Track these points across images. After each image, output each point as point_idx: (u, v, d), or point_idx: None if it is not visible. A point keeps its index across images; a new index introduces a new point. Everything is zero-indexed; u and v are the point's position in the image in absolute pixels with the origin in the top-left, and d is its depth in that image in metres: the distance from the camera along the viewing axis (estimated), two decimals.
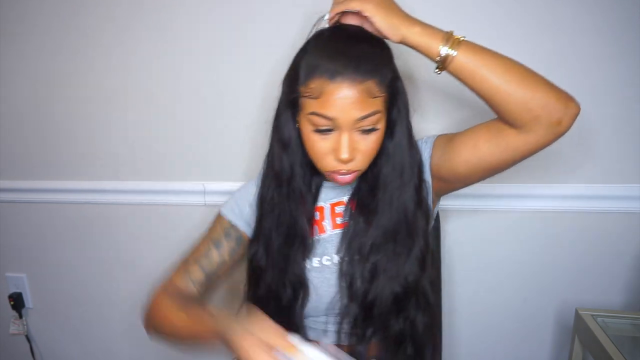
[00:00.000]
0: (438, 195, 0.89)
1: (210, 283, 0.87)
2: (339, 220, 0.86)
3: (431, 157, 0.83)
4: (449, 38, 0.70)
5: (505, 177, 0.86)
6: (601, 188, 1.12)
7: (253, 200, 0.88)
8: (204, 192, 1.33)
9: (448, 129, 0.88)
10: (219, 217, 0.91)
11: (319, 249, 0.85)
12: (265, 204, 0.85)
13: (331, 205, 0.87)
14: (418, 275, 0.81)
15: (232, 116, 1.27)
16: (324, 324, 0.87)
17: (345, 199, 0.87)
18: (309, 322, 0.88)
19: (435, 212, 0.93)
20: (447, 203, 1.13)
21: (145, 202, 1.40)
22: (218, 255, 0.88)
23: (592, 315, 1.04)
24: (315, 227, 0.86)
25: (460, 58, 0.70)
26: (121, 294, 1.51)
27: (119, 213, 1.44)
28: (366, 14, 0.70)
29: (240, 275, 0.91)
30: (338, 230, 0.86)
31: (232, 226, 0.89)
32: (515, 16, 1.05)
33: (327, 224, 0.87)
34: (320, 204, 0.88)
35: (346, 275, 0.82)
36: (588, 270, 1.18)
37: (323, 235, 0.86)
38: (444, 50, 0.70)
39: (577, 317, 1.06)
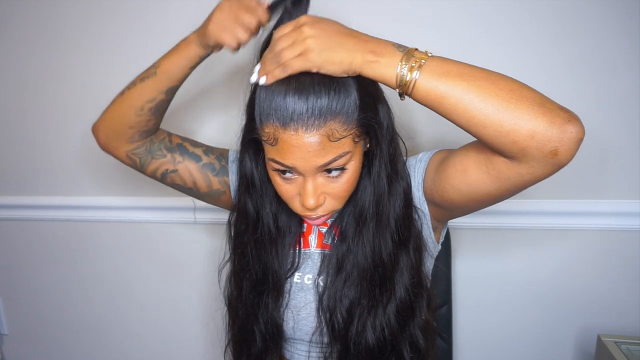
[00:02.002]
0: (440, 221, 0.81)
1: (175, 149, 0.83)
2: (324, 240, 0.82)
3: (424, 179, 0.75)
4: (408, 59, 0.58)
5: (520, 192, 0.80)
6: (625, 204, 1.07)
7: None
8: (194, 209, 1.28)
9: (445, 140, 0.80)
10: (226, 149, 0.89)
11: (302, 264, 0.82)
12: (236, 242, 0.82)
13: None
14: (396, 328, 0.75)
15: (217, 128, 1.22)
16: (305, 354, 0.83)
17: (329, 221, 0.82)
18: (292, 348, 0.85)
19: (442, 237, 0.86)
20: (457, 221, 1.07)
21: (129, 220, 1.36)
22: (202, 151, 0.85)
23: (616, 342, 1.00)
24: (301, 239, 0.83)
25: (423, 83, 0.58)
26: (102, 319, 1.47)
27: (101, 231, 1.40)
28: (313, 70, 0.60)
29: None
30: (321, 250, 0.81)
31: (226, 165, 0.86)
32: (535, 14, 1.02)
33: (312, 239, 0.82)
34: None
35: (326, 310, 0.76)
36: (611, 293, 1.13)
37: (307, 251, 0.82)
38: (402, 74, 0.58)
39: (599, 343, 1.02)
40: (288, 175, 0.67)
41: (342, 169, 0.66)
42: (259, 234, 0.78)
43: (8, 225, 1.45)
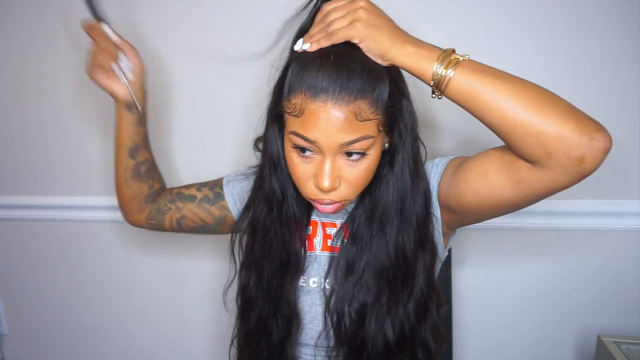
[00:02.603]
0: (450, 227, 0.81)
1: (175, 198, 0.90)
2: (329, 242, 0.81)
3: (439, 183, 0.75)
4: (445, 57, 0.60)
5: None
6: (625, 204, 1.07)
7: (245, 194, 0.87)
8: None
9: (464, 148, 0.80)
10: (219, 178, 0.92)
11: (307, 267, 0.81)
12: (257, 229, 0.81)
13: (322, 224, 0.82)
14: (415, 325, 0.75)
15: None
16: (312, 358, 0.82)
17: (338, 222, 0.81)
18: (297, 351, 0.84)
19: (450, 244, 0.86)
20: None
21: None
22: (195, 189, 0.90)
23: (616, 342, 1.00)
24: (306, 242, 0.82)
25: (458, 79, 0.60)
26: (102, 319, 1.47)
27: (101, 231, 1.39)
28: (354, 40, 0.62)
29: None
30: (327, 253, 0.81)
31: (221, 191, 0.90)
32: (537, 13, 1.02)
33: (317, 242, 0.82)
34: (313, 217, 0.83)
35: (333, 312, 0.76)
36: (611, 293, 1.13)
37: (311, 254, 0.82)
38: (439, 71, 0.60)
39: (599, 343, 1.02)
40: (307, 153, 0.66)
41: (362, 154, 0.66)
42: (284, 215, 0.77)
43: (8, 225, 1.44)
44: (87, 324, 1.48)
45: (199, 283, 1.36)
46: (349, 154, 0.65)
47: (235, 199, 0.88)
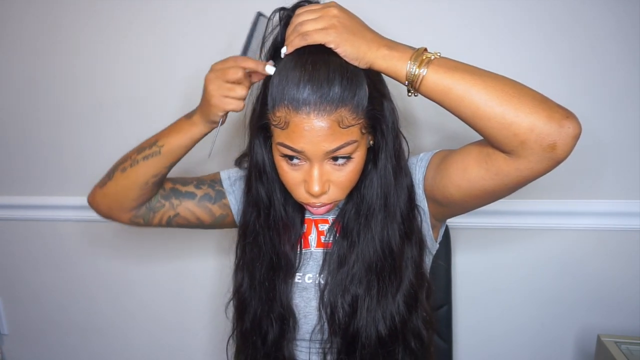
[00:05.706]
0: (438, 219, 0.83)
1: (170, 195, 0.85)
2: (323, 238, 0.83)
3: (424, 177, 0.78)
4: (418, 56, 0.63)
5: (520, 192, 0.79)
6: (623, 204, 1.07)
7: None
8: None
9: (445, 143, 0.81)
10: (216, 173, 0.90)
11: (302, 264, 0.83)
12: (247, 232, 0.83)
13: (315, 222, 0.84)
14: (406, 316, 0.77)
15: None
16: (306, 351, 0.84)
17: (330, 218, 0.84)
18: (293, 347, 0.86)
19: (440, 236, 0.87)
20: (457, 221, 1.08)
21: None
22: (194, 186, 0.87)
23: (616, 342, 1.01)
24: (302, 239, 0.84)
25: (431, 77, 0.62)
26: (102, 319, 1.47)
27: (101, 231, 1.40)
28: (330, 45, 0.63)
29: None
30: (321, 249, 0.83)
31: (221, 188, 0.88)
32: (532, 16, 1.02)
33: (312, 239, 0.84)
34: (307, 216, 0.85)
35: (327, 304, 0.78)
36: (610, 293, 1.14)
37: (307, 251, 0.84)
38: (412, 70, 0.62)
39: (599, 344, 1.02)
40: (295, 161, 0.68)
41: (348, 157, 0.68)
42: (272, 220, 0.79)
43: (8, 225, 1.44)
44: (87, 323, 1.48)
45: (197, 282, 1.36)
46: (335, 158, 0.68)
47: (237, 199, 0.88)
